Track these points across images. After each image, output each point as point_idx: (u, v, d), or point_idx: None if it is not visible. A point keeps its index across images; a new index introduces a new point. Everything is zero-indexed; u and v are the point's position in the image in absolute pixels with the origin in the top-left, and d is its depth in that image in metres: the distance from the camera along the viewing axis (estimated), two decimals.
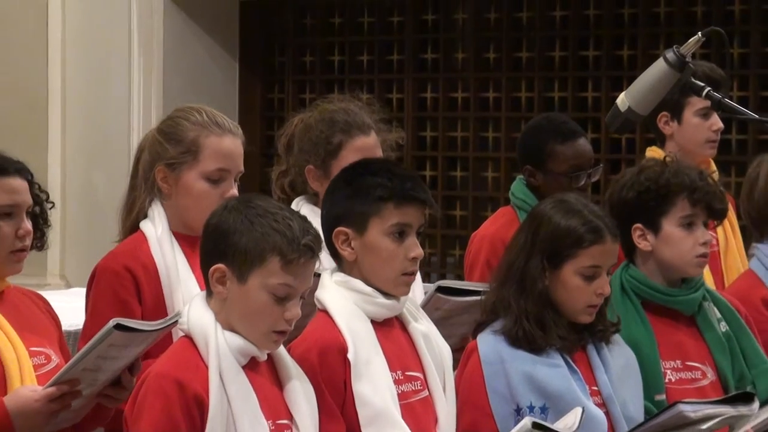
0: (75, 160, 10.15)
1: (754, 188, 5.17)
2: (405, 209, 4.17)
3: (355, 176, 4.29)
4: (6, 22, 10.67)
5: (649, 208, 4.75)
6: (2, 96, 10.36)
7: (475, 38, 10.28)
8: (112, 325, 3.88)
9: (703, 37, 4.40)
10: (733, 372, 4.76)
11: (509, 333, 4.40)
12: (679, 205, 4.72)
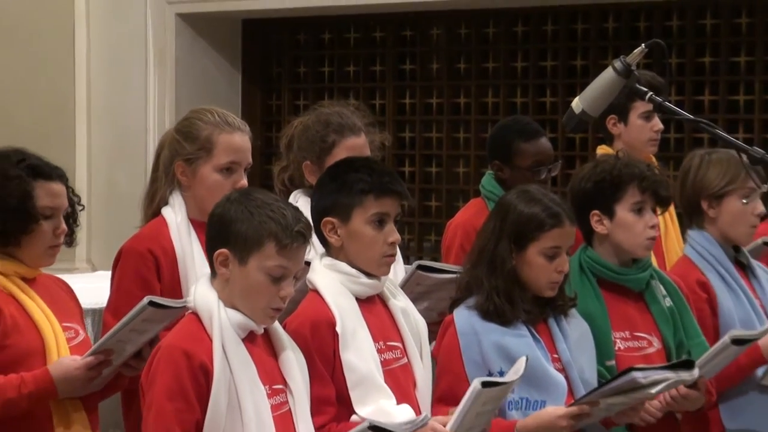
0: (99, 159, 10.12)
1: (686, 180, 5.18)
2: (383, 200, 4.19)
3: (339, 172, 4.32)
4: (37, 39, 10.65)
5: (604, 196, 4.76)
6: (35, 104, 10.32)
7: (447, 51, 10.26)
8: (146, 302, 3.97)
9: (646, 48, 4.39)
10: (674, 342, 4.77)
11: (481, 308, 4.40)
12: (630, 192, 4.74)
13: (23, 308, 4.25)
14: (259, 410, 3.82)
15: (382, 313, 4.26)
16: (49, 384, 4.10)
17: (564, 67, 9.74)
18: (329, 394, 4.05)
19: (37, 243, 4.27)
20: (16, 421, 4.16)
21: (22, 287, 4.29)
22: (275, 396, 3.88)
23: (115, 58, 10.63)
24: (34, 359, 4.18)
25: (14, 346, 4.19)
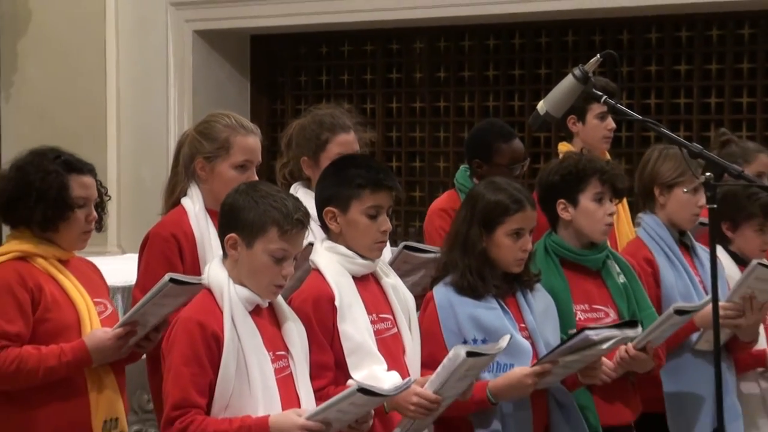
0: (126, 157, 10.11)
1: (644, 169, 5.21)
2: (378, 194, 4.19)
3: (340, 168, 4.33)
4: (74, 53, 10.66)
5: (570, 187, 4.78)
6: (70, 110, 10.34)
7: (428, 62, 10.25)
8: (167, 279, 4.01)
9: (601, 58, 4.41)
10: (627, 313, 4.77)
11: (457, 284, 4.42)
12: (592, 184, 4.76)
13: (60, 287, 4.27)
14: (264, 373, 3.85)
15: (375, 289, 4.28)
16: (85, 353, 4.14)
17: (530, 75, 9.74)
18: (328, 360, 4.06)
19: (73, 229, 4.29)
20: (55, 385, 4.17)
21: (59, 268, 4.31)
22: (278, 361, 3.91)
23: (140, 69, 10.62)
24: (71, 331, 4.20)
25: (54, 320, 4.21)
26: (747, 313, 5.01)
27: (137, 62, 10.61)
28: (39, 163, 4.30)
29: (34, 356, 4.12)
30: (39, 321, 4.19)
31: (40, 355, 4.12)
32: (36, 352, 4.13)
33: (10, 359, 4.10)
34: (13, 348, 4.12)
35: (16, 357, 4.10)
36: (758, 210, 5.24)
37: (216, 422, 3.76)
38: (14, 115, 10.79)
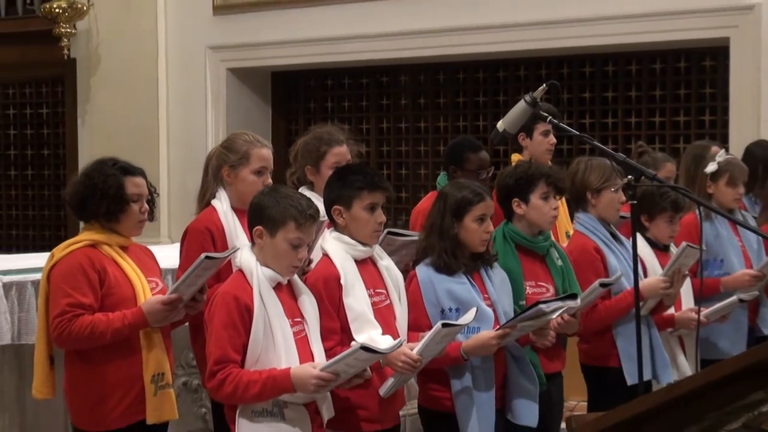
0: (174, 169, 10.14)
1: (574, 178, 5.20)
2: (374, 194, 4.19)
3: (343, 175, 4.33)
4: (133, 87, 10.66)
5: (522, 188, 4.79)
6: (131, 132, 10.34)
7: (411, 92, 10.22)
8: (203, 257, 4.05)
9: (546, 87, 4.40)
10: (562, 289, 4.79)
11: (435, 264, 4.41)
12: (540, 185, 4.76)
13: (121, 268, 4.29)
14: (285, 335, 3.88)
15: (372, 269, 4.28)
16: (142, 316, 4.16)
17: (491, 101, 9.73)
18: (336, 326, 4.08)
19: (130, 219, 4.32)
20: (116, 346, 4.20)
21: (119, 253, 4.33)
22: (295, 326, 3.93)
23: (185, 99, 10.61)
24: (129, 302, 4.22)
25: (116, 294, 4.23)
26: (675, 283, 5.10)
27: (182, 93, 10.60)
28: (101, 169, 4.34)
29: (104, 321, 4.14)
30: (105, 295, 4.21)
31: (108, 320, 4.15)
32: (104, 317, 4.15)
33: (85, 324, 4.12)
34: (86, 315, 4.14)
35: (90, 322, 4.12)
36: (668, 205, 5.28)
37: (248, 373, 3.78)
38: (88, 136, 10.82)
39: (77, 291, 4.17)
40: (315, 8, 9.89)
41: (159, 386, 4.24)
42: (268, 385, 3.75)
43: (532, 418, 4.50)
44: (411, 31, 9.44)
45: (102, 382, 4.21)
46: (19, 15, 11.15)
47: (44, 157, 11.66)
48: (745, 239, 5.91)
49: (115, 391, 4.21)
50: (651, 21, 8.50)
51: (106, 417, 4.21)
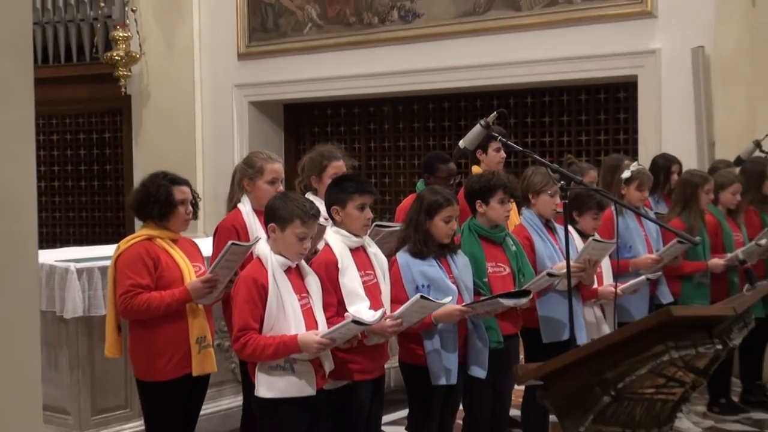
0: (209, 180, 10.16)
1: (523, 183, 5.19)
2: (364, 196, 4.18)
3: (340, 182, 4.33)
4: (175, 118, 10.68)
5: (485, 192, 4.78)
6: (175, 152, 10.33)
7: (392, 119, 10.23)
8: (230, 244, 4.10)
9: (496, 114, 4.41)
10: (516, 269, 4.80)
11: (411, 251, 4.40)
12: (498, 192, 4.76)
13: (171, 256, 4.30)
14: (294, 308, 3.86)
15: (363, 255, 4.24)
16: (187, 294, 4.19)
17: (454, 125, 9.75)
18: (333, 300, 4.05)
19: (177, 218, 4.33)
20: (168, 316, 4.21)
21: (170, 244, 4.34)
22: (302, 300, 3.92)
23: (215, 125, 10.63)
24: (178, 283, 4.23)
25: (167, 277, 4.24)
26: (587, 269, 5.06)
27: (213, 121, 10.62)
28: (154, 180, 4.36)
29: (157, 297, 4.17)
30: (158, 277, 4.23)
31: (161, 297, 4.17)
32: (158, 295, 4.18)
33: (143, 300, 4.15)
34: (144, 293, 4.16)
35: (147, 299, 4.16)
36: (594, 205, 5.29)
37: (264, 338, 3.78)
38: (142, 156, 10.78)
39: (137, 274, 4.19)
40: (317, 55, 9.92)
41: (202, 346, 4.25)
42: (280, 348, 3.76)
43: (482, 372, 4.51)
44: (391, 72, 9.45)
45: (157, 344, 4.22)
46: (87, 61, 11.19)
47: (107, 171, 11.65)
48: (647, 230, 5.94)
49: (167, 350, 4.22)
50: (577, 62, 8.54)
51: (161, 370, 4.22)
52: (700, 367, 3.04)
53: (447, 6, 9.11)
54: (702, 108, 7.91)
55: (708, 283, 6.11)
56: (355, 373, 4.13)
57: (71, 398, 5.17)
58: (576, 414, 3.06)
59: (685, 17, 8.02)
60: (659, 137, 8.10)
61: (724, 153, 7.55)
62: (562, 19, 8.55)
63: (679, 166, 6.81)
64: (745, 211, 6.60)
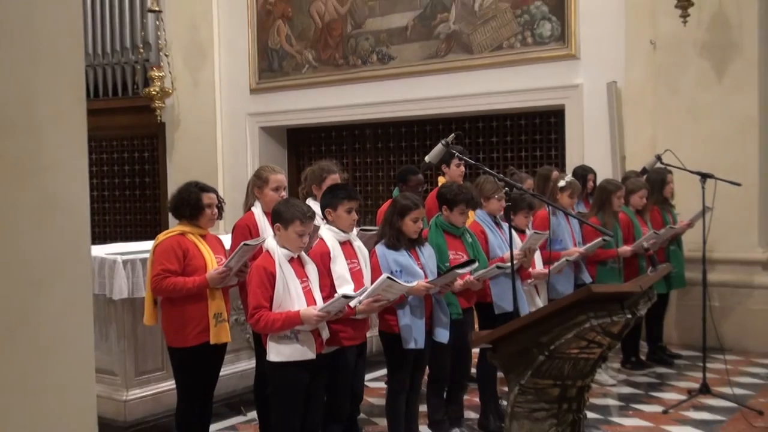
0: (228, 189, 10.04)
1: (477, 188, 5.20)
2: (351, 201, 4.17)
3: (333, 190, 4.30)
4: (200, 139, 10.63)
5: (451, 201, 4.80)
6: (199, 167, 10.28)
7: (373, 139, 10.20)
8: (242, 244, 4.06)
9: (454, 135, 4.43)
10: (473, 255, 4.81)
11: (387, 244, 4.39)
12: (461, 204, 4.78)
13: (198, 248, 4.27)
14: (297, 290, 3.84)
15: (349, 248, 4.22)
16: (204, 281, 4.16)
17: (422, 145, 9.72)
18: (327, 283, 4.04)
19: (204, 218, 4.31)
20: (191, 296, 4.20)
21: (199, 239, 4.31)
22: (303, 283, 3.89)
23: (233, 146, 10.56)
24: (202, 271, 4.20)
25: (193, 265, 4.21)
26: (527, 255, 5.11)
27: (231, 143, 10.56)
28: (186, 188, 4.34)
29: (181, 282, 4.15)
30: (186, 265, 4.21)
31: (184, 281, 4.16)
32: (182, 280, 4.16)
33: (170, 283, 4.15)
34: (171, 277, 4.15)
35: (173, 282, 4.15)
36: (525, 206, 5.30)
37: (273, 314, 3.76)
38: (174, 171, 10.73)
39: (168, 261, 4.17)
40: (313, 89, 9.90)
41: (218, 321, 4.23)
42: (286, 321, 3.75)
43: (444, 338, 4.52)
44: (372, 103, 9.46)
45: (183, 318, 4.21)
46: (130, 96, 11.17)
47: (146, 183, 11.59)
48: (573, 227, 6.01)
49: (190, 323, 4.20)
50: (518, 94, 8.57)
51: (185, 339, 4.21)
52: (614, 332, 3.07)
53: (415, 50, 9.14)
54: (615, 130, 7.96)
55: (618, 267, 6.18)
56: (344, 339, 4.14)
57: (118, 363, 5.14)
58: (518, 370, 3.07)
59: (601, 59, 8.07)
60: (582, 153, 8.13)
61: (632, 165, 7.60)
62: (506, 60, 8.57)
63: (594, 175, 6.88)
64: (650, 211, 6.68)
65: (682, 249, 6.83)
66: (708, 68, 7.34)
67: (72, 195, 2.33)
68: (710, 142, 7.23)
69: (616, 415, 5.40)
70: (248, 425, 5.31)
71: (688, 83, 7.42)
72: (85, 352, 2.36)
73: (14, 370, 2.09)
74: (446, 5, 8.92)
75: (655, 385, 6.15)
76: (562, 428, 3.09)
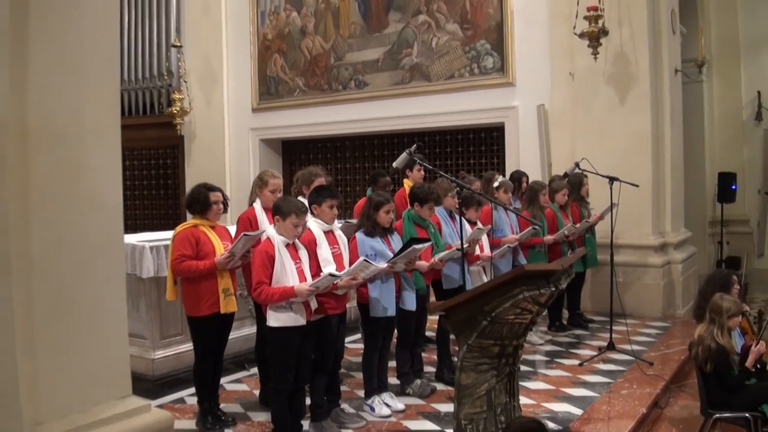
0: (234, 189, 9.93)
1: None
2: (333, 199, 4.11)
3: (318, 189, 4.24)
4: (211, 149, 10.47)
5: (421, 199, 4.74)
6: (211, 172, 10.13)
7: (352, 149, 10.11)
8: (243, 234, 3.99)
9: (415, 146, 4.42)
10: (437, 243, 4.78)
11: (365, 232, 4.36)
12: (430, 202, 4.73)
13: (208, 237, 4.19)
14: (292, 269, 3.79)
15: (332, 236, 4.16)
16: (213, 265, 4.10)
17: (390, 154, 9.63)
18: (315, 264, 3.97)
19: (212, 212, 4.22)
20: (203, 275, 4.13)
21: (208, 230, 4.23)
22: (297, 264, 3.83)
23: (238, 155, 10.39)
24: (211, 256, 4.13)
25: (204, 251, 4.14)
26: (472, 244, 5.08)
27: (237, 152, 10.40)
28: (197, 188, 4.26)
29: (194, 265, 4.09)
30: (198, 251, 4.14)
31: (197, 264, 4.09)
32: (195, 263, 4.10)
33: (185, 265, 4.08)
34: (187, 261, 4.09)
35: (188, 265, 4.09)
36: (474, 202, 5.28)
37: (272, 289, 3.72)
38: (191, 175, 10.52)
39: (184, 248, 4.10)
40: (303, 109, 9.78)
41: (227, 295, 4.18)
42: (283, 295, 3.71)
43: (412, 305, 4.51)
44: (350, 120, 9.38)
45: (198, 292, 4.15)
46: (156, 114, 10.98)
47: (168, 185, 11.40)
48: (511, 219, 6.01)
49: (204, 296, 4.15)
50: (467, 114, 8.55)
51: (200, 308, 4.15)
52: (542, 302, 3.09)
53: (385, 78, 9.11)
54: (543, 142, 8.00)
55: (543, 251, 6.22)
56: (329, 309, 4.11)
57: (147, 329, 5.08)
58: (466, 332, 3.08)
59: (532, 86, 8.10)
60: (518, 160, 8.15)
61: (557, 170, 7.66)
62: (457, 87, 8.56)
63: (527, 177, 6.91)
64: (571, 206, 6.73)
65: (595, 236, 6.91)
66: (613, 95, 7.44)
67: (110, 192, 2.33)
68: (615, 152, 7.33)
69: (543, 368, 5.43)
70: (251, 378, 5.28)
71: (599, 106, 7.50)
72: (120, 319, 2.36)
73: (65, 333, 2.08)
74: (410, 42, 8.92)
75: (574, 344, 6.19)
76: (501, 378, 3.11)
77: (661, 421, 4.63)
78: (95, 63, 2.08)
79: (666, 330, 6.69)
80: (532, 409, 4.44)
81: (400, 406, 4.49)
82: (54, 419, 1.92)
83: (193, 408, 4.50)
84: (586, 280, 7.23)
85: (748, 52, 10.03)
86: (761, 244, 10.06)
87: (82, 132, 2.10)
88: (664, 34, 7.58)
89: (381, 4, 9.14)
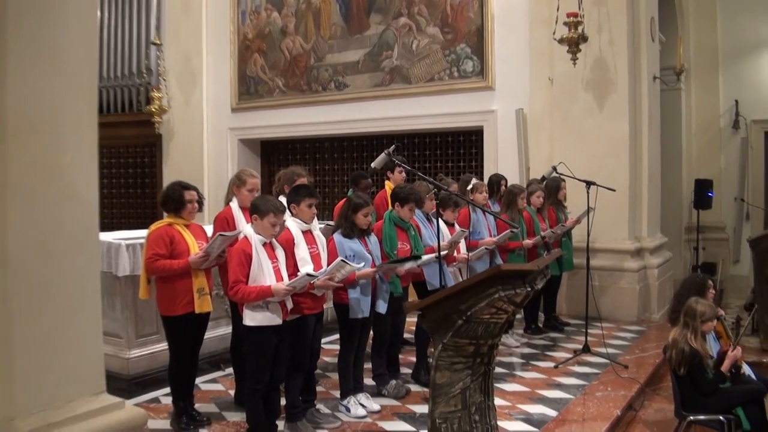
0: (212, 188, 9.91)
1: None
2: (311, 198, 4.11)
3: (297, 189, 4.23)
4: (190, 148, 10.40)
5: (402, 200, 4.75)
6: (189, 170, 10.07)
7: (331, 150, 10.11)
8: (218, 234, 3.98)
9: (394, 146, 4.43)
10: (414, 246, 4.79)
11: (342, 233, 4.37)
12: (410, 202, 4.74)
13: (182, 236, 4.18)
14: (269, 268, 3.80)
15: (310, 236, 4.16)
16: (187, 264, 4.09)
17: (369, 155, 9.64)
18: (292, 263, 3.99)
19: (187, 211, 4.22)
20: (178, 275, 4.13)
21: (183, 228, 4.22)
22: (273, 263, 3.84)
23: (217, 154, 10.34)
24: (185, 255, 4.13)
25: (178, 250, 4.14)
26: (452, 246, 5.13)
27: (216, 151, 10.35)
28: (172, 186, 4.25)
29: (168, 264, 4.08)
30: (173, 249, 4.13)
31: (171, 263, 4.09)
32: (169, 262, 4.09)
33: (159, 264, 4.07)
34: (161, 260, 4.07)
35: (162, 264, 4.08)
36: (452, 204, 5.30)
37: (249, 288, 3.73)
38: (168, 173, 10.45)
39: (158, 246, 4.09)
40: (282, 110, 9.77)
41: (201, 294, 4.18)
42: (259, 294, 3.72)
43: (383, 309, 4.53)
44: (330, 122, 9.39)
45: (173, 291, 4.14)
46: (134, 112, 10.91)
47: (145, 183, 11.31)
48: (489, 221, 6.05)
49: (178, 296, 4.14)
50: (447, 117, 8.60)
51: (175, 308, 4.15)
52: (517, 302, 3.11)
53: (365, 80, 9.14)
54: (522, 146, 8.07)
55: (523, 254, 6.27)
56: (305, 309, 4.13)
57: (122, 328, 5.05)
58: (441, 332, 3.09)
59: (511, 91, 8.18)
60: (496, 164, 8.21)
61: (534, 174, 7.74)
62: (437, 90, 8.62)
63: (505, 181, 6.96)
64: (548, 210, 6.80)
65: (572, 240, 6.98)
66: (591, 100, 7.53)
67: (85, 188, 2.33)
68: (593, 157, 7.42)
69: (519, 370, 5.49)
70: (226, 378, 5.27)
71: (577, 112, 7.59)
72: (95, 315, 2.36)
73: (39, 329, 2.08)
74: (390, 45, 8.96)
75: (549, 347, 6.25)
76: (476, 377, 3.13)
77: (636, 424, 4.69)
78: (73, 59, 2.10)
79: (641, 334, 6.77)
80: (507, 410, 4.48)
81: (376, 407, 4.52)
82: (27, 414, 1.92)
83: (168, 408, 4.48)
84: (562, 283, 7.30)
85: (727, 60, 10.18)
86: (737, 250, 10.21)
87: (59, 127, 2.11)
88: (643, 41, 7.70)
89: (362, 6, 9.18)
